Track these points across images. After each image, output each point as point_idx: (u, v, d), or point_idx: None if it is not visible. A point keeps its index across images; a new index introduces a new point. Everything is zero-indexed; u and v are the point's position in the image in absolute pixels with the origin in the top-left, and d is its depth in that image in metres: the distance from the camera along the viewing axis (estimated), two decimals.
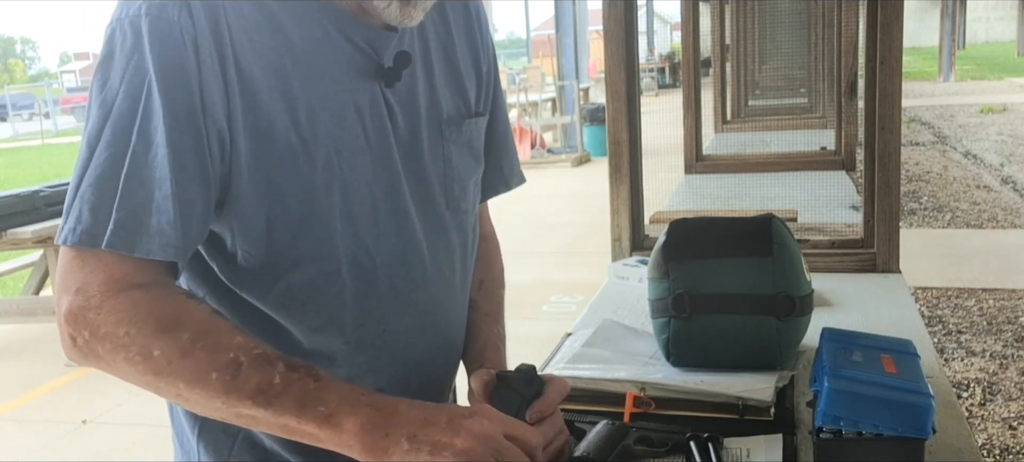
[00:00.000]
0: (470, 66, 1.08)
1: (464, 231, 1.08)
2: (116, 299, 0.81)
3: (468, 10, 1.09)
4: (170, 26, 0.82)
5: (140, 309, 0.81)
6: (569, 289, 5.71)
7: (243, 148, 0.87)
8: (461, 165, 1.05)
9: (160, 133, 0.82)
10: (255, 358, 0.82)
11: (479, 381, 0.95)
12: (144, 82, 0.82)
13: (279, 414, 0.81)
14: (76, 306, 0.81)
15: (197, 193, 0.84)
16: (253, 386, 0.81)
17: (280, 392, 0.81)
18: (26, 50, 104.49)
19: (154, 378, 0.81)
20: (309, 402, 0.81)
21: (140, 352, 0.81)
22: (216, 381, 0.80)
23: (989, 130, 12.46)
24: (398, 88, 0.97)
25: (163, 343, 0.81)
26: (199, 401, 0.82)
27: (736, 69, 6.19)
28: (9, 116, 32.04)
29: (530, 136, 11.95)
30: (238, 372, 0.81)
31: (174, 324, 0.82)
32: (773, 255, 1.31)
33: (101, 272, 0.82)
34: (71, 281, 0.82)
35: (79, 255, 0.82)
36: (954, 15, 22.94)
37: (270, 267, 0.91)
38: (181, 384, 0.81)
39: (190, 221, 0.84)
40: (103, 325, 0.81)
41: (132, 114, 0.82)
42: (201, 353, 0.81)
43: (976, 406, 3.73)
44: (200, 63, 0.83)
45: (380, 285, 0.97)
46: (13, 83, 65.65)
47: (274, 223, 0.89)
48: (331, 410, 0.81)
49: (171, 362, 0.81)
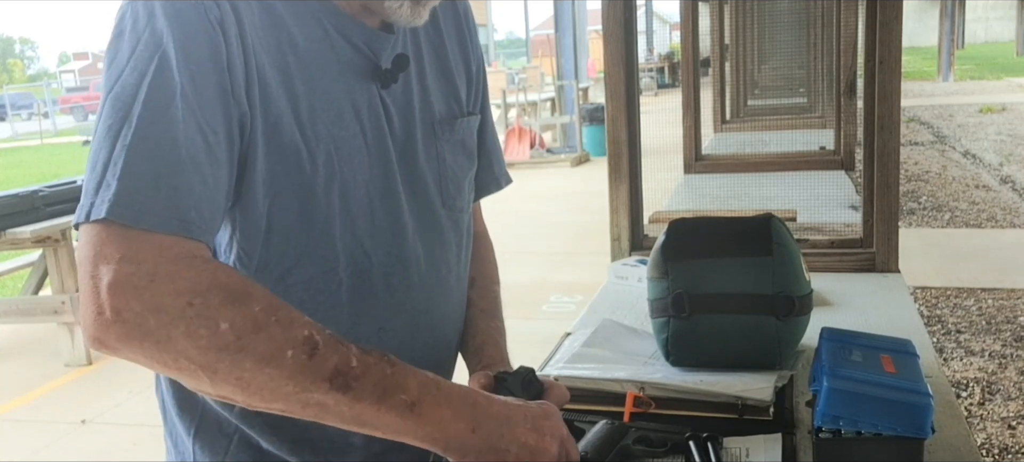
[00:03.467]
0: (461, 66, 1.09)
1: (459, 230, 1.09)
2: (174, 265, 0.73)
3: (457, 10, 1.10)
4: (195, 4, 0.81)
5: (204, 277, 0.73)
6: (568, 289, 5.71)
7: (259, 138, 0.86)
8: (455, 164, 1.06)
9: (181, 110, 0.77)
10: (329, 338, 0.76)
11: (478, 383, 0.96)
12: (160, 53, 0.78)
13: (357, 400, 0.75)
14: (124, 275, 0.72)
15: (224, 175, 0.82)
16: (332, 367, 0.74)
17: (359, 375, 0.75)
18: (25, 50, 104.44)
19: (216, 356, 0.72)
20: (390, 389, 0.76)
21: (206, 324, 0.72)
22: (292, 360, 0.73)
23: (988, 130, 12.46)
24: (393, 89, 0.98)
25: (234, 314, 0.73)
26: (265, 385, 0.74)
27: (735, 69, 6.18)
28: (8, 116, 32.03)
29: (529, 136, 11.94)
30: (315, 351, 0.74)
31: (244, 295, 0.74)
32: (772, 255, 1.32)
33: (149, 242, 0.73)
34: (111, 251, 0.73)
35: (112, 228, 0.73)
36: (953, 15, 22.95)
37: (267, 266, 0.91)
38: (249, 363, 0.73)
39: (218, 202, 0.81)
40: (160, 294, 0.72)
41: (136, 89, 0.77)
42: (276, 328, 0.74)
43: (975, 406, 3.73)
44: (227, 43, 0.82)
45: (376, 284, 0.97)
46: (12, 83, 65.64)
47: (274, 221, 0.89)
48: (413, 399, 0.77)
49: (241, 337, 0.72)
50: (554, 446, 0.81)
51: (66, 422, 4.13)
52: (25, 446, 3.96)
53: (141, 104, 0.77)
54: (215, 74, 0.80)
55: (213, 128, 0.80)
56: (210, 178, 0.79)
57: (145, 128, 0.76)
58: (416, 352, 1.02)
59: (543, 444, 0.81)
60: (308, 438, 0.97)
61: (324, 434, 0.97)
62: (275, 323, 0.74)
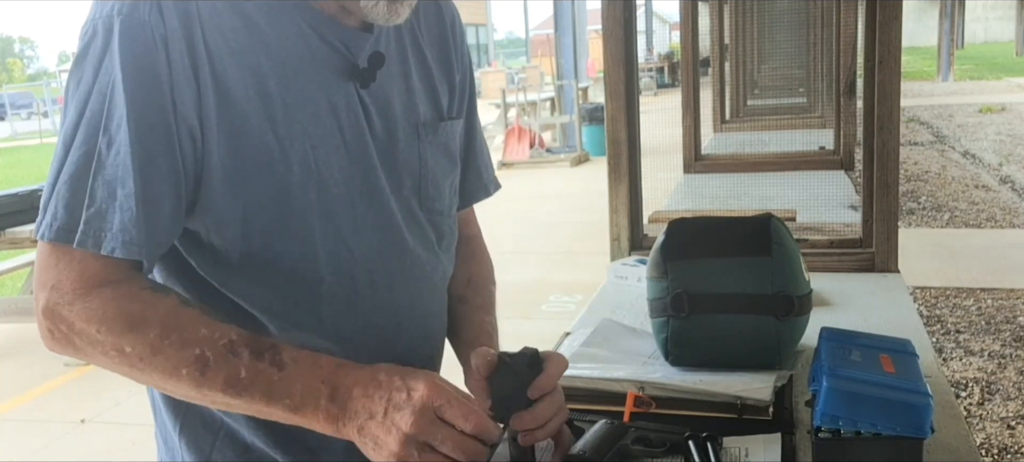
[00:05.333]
0: (441, 74, 1.10)
1: (441, 231, 1.09)
2: (87, 298, 0.84)
3: (442, 17, 1.11)
4: (141, 26, 0.84)
5: (109, 307, 0.84)
6: (568, 289, 5.71)
7: (215, 146, 0.88)
8: (437, 166, 1.07)
9: (123, 132, 0.84)
10: (220, 351, 0.85)
11: (482, 359, 0.95)
12: (110, 82, 0.84)
13: (249, 403, 0.86)
14: (52, 302, 0.85)
15: (166, 191, 0.86)
16: (222, 381, 0.85)
17: (247, 385, 0.85)
18: (25, 50, 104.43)
19: (130, 371, 0.86)
20: (275, 394, 0.86)
21: (113, 348, 0.84)
22: (186, 376, 0.84)
23: (988, 130, 12.46)
24: (374, 89, 0.98)
25: (132, 340, 0.84)
26: (176, 392, 0.88)
27: (735, 69, 6.19)
28: (8, 115, 32.01)
29: (529, 136, 11.94)
30: (206, 368, 0.84)
31: (141, 322, 0.84)
32: (772, 255, 1.32)
33: (73, 269, 0.85)
34: (47, 277, 0.85)
35: (54, 251, 0.85)
36: (953, 15, 22.95)
37: (248, 263, 0.92)
38: (156, 377, 0.86)
39: (156, 219, 0.86)
40: (77, 321, 0.84)
41: (100, 114, 0.84)
42: (170, 350, 0.84)
43: (974, 406, 3.73)
44: (170, 62, 0.85)
45: (359, 281, 0.98)
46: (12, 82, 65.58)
47: (250, 220, 0.91)
48: (296, 403, 0.86)
49: (143, 358, 0.84)
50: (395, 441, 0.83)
51: (65, 422, 4.13)
52: (24, 446, 3.96)
53: (94, 129, 0.84)
54: (157, 95, 0.85)
55: (154, 150, 0.85)
56: (150, 198, 0.85)
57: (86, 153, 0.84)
58: (401, 348, 1.03)
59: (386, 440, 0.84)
60: (293, 434, 0.97)
61: (309, 430, 0.98)
62: (169, 346, 0.84)
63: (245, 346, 0.86)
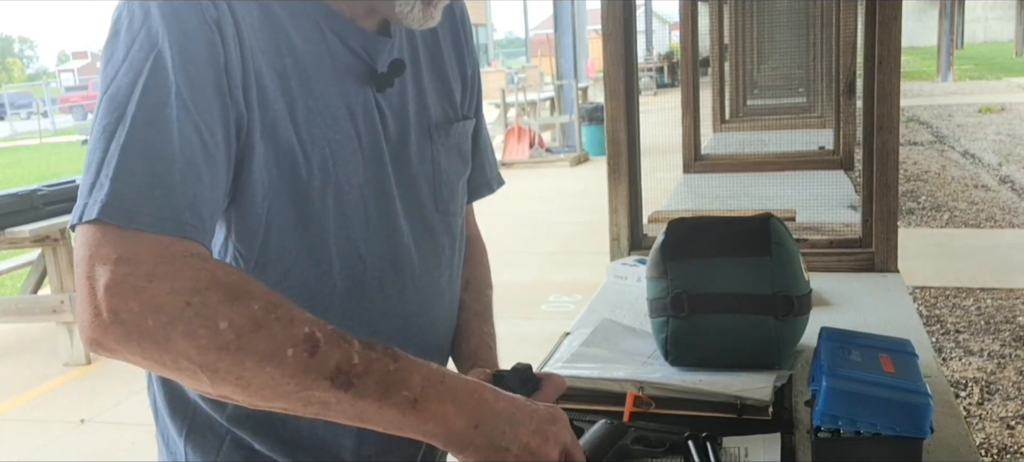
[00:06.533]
0: (456, 69, 1.09)
1: (452, 233, 1.09)
2: (173, 264, 0.72)
3: (453, 13, 1.10)
4: (193, 4, 0.81)
5: (203, 275, 0.73)
6: (567, 289, 5.71)
7: (256, 140, 0.86)
8: (449, 168, 1.06)
9: (174, 110, 0.77)
10: (330, 334, 0.75)
11: (479, 378, 0.95)
12: (156, 55, 0.78)
13: (359, 398, 0.75)
14: (121, 275, 0.71)
15: (221, 174, 0.81)
16: (333, 365, 0.74)
17: (362, 373, 0.75)
18: (24, 49, 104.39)
19: (216, 355, 0.71)
20: (392, 385, 0.76)
21: (205, 324, 0.71)
22: (292, 358, 0.72)
23: (987, 130, 12.47)
24: (389, 92, 0.98)
25: (233, 313, 0.72)
26: (266, 384, 0.73)
27: (735, 69, 6.19)
28: (7, 115, 32.00)
29: (529, 135, 11.94)
30: (316, 348, 0.73)
31: (243, 293, 0.73)
32: (772, 255, 1.32)
33: (145, 241, 0.73)
34: (108, 251, 0.72)
35: (110, 229, 0.73)
36: (952, 15, 22.95)
37: (264, 269, 0.91)
38: (250, 362, 0.72)
39: (214, 203, 0.80)
40: (158, 294, 0.71)
41: (131, 88, 0.77)
42: (275, 325, 0.73)
43: (974, 405, 3.73)
44: (225, 42, 0.82)
45: (370, 287, 0.97)
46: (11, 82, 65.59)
47: (272, 223, 0.89)
48: (416, 395, 0.76)
49: (241, 336, 0.71)
50: (556, 452, 0.80)
51: (65, 421, 4.13)
52: (24, 445, 3.96)
53: (136, 104, 0.76)
54: (212, 73, 0.80)
55: (209, 128, 0.79)
56: (206, 178, 0.78)
57: (139, 128, 0.75)
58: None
59: (545, 449, 0.79)
60: (299, 440, 0.97)
61: (315, 436, 0.97)
62: (275, 321, 0.73)
63: (354, 337, 0.76)
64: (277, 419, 0.96)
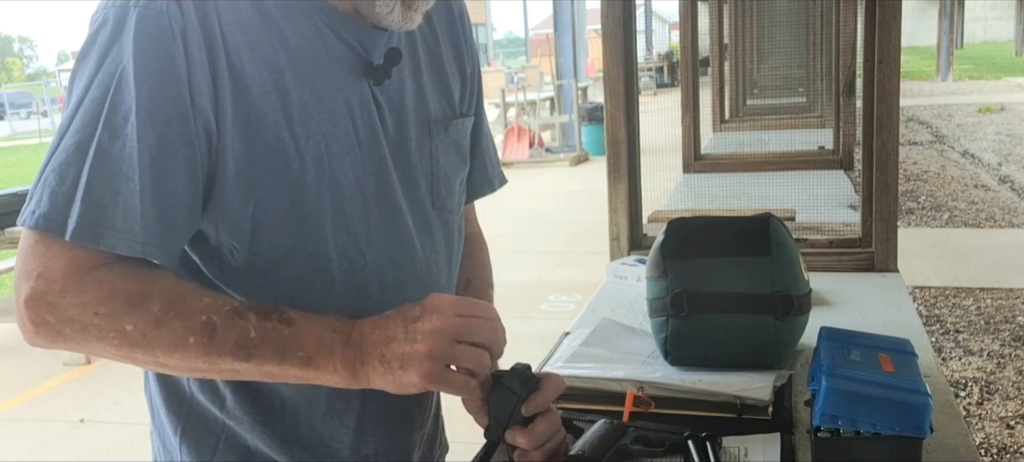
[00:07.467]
0: (454, 67, 1.09)
1: (450, 230, 1.08)
2: (81, 281, 0.81)
3: (451, 11, 1.10)
4: (158, 16, 0.83)
5: (104, 289, 0.82)
6: (567, 288, 5.71)
7: (230, 142, 0.87)
8: (448, 164, 1.06)
9: (131, 125, 0.82)
10: (227, 316, 0.84)
11: None
12: (117, 72, 0.82)
13: (261, 364, 0.85)
14: (39, 291, 0.81)
15: (182, 186, 0.85)
16: (231, 343, 0.84)
17: (259, 344, 0.84)
18: (24, 49, 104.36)
19: (130, 350, 0.83)
20: (288, 350, 0.85)
21: (114, 330, 0.82)
22: (194, 345, 0.83)
23: (987, 130, 12.47)
24: (387, 87, 0.98)
25: (135, 318, 0.82)
26: (180, 365, 0.85)
27: (734, 68, 6.19)
28: (7, 115, 32.00)
29: (528, 135, 11.94)
30: (214, 333, 0.83)
31: (141, 298, 0.82)
32: (771, 254, 1.32)
33: (64, 257, 0.81)
34: (32, 266, 0.81)
35: (41, 240, 0.81)
36: (952, 15, 22.96)
37: (257, 263, 0.91)
38: (160, 352, 0.83)
39: (172, 215, 0.84)
40: (69, 308, 0.81)
41: (101, 104, 0.82)
42: (174, 321, 0.83)
43: (974, 405, 3.73)
44: (188, 53, 0.84)
45: (369, 282, 0.97)
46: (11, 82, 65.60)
47: (261, 219, 0.90)
48: (309, 354, 0.85)
49: (146, 334, 0.82)
50: (423, 345, 0.85)
51: (64, 421, 4.13)
52: (23, 445, 3.96)
53: (92, 118, 0.82)
54: (174, 88, 0.83)
55: (168, 141, 0.83)
56: (160, 189, 0.83)
57: (84, 142, 0.82)
58: None
59: (413, 349, 0.85)
60: (297, 438, 0.97)
61: (313, 434, 0.97)
62: (174, 317, 0.83)
63: (250, 310, 0.85)
64: (275, 417, 0.96)
